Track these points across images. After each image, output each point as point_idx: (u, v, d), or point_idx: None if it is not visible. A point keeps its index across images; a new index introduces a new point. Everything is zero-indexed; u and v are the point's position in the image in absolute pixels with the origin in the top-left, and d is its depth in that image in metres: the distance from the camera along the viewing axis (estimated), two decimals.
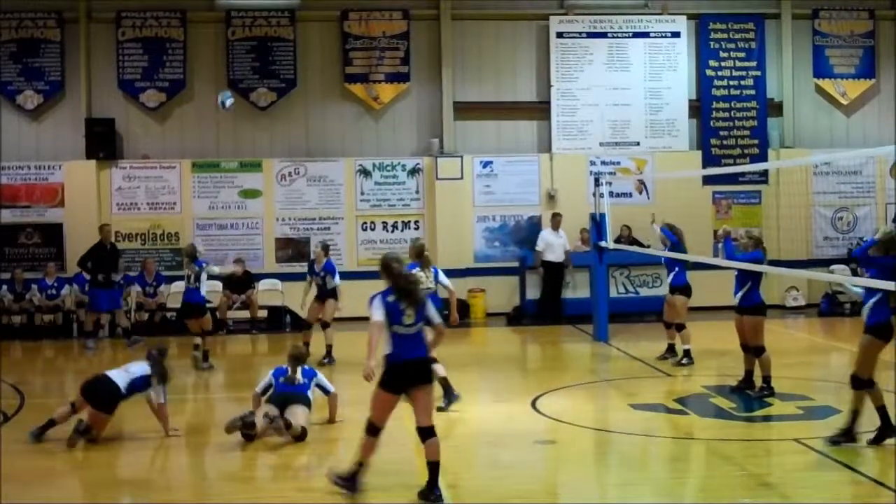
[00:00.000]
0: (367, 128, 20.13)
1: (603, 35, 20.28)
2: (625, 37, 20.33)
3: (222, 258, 18.87)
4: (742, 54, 20.52)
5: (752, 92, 20.52)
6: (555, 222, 18.97)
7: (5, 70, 19.33)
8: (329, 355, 14.20)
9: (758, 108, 20.54)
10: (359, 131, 20.09)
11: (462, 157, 19.80)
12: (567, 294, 18.89)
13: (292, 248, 19.62)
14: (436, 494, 7.31)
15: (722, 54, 20.52)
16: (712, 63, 20.53)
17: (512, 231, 20.02)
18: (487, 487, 7.99)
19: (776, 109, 20.73)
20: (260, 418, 9.28)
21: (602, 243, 15.85)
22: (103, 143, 19.07)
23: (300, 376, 9.83)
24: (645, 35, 20.35)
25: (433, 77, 20.09)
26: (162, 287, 18.41)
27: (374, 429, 7.45)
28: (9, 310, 18.23)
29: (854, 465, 8.31)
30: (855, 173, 20.46)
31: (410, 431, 7.68)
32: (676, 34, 20.41)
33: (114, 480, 8.69)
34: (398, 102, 20.12)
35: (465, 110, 20.11)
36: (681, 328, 13.56)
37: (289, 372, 9.84)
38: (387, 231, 19.68)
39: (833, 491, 7.93)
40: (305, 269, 15.21)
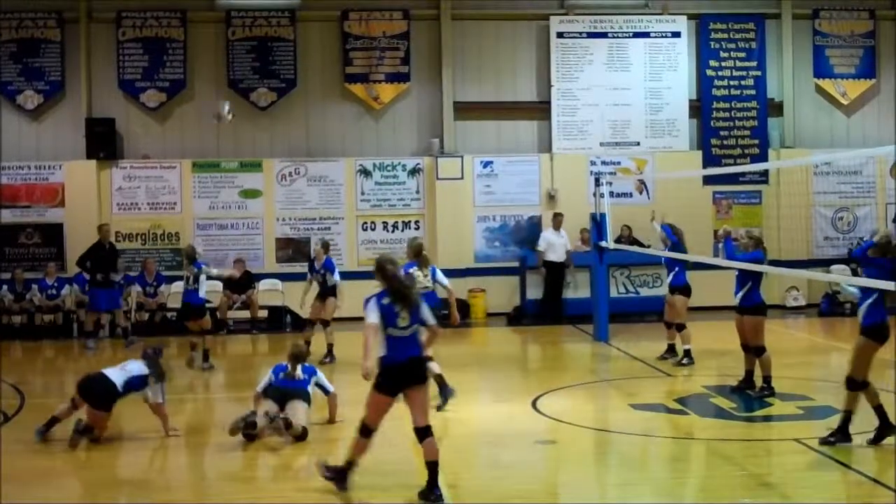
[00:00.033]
0: (368, 128, 20.13)
1: (603, 35, 20.28)
2: (625, 37, 20.33)
3: (223, 258, 18.91)
4: (742, 54, 20.52)
5: (753, 92, 20.52)
6: (556, 222, 18.97)
7: (5, 70, 19.34)
8: (330, 354, 14.25)
9: (758, 108, 20.54)
10: (359, 131, 20.10)
11: (462, 157, 19.80)
12: (568, 294, 18.90)
13: (293, 249, 19.62)
14: (436, 494, 7.31)
15: (722, 54, 20.52)
16: (713, 63, 20.53)
17: (512, 231, 20.02)
18: (488, 487, 7.99)
19: (776, 109, 20.73)
20: (261, 417, 9.29)
21: (602, 243, 15.86)
22: (104, 143, 19.08)
23: (300, 373, 9.85)
24: (645, 35, 20.35)
25: (433, 77, 20.09)
26: (162, 287, 18.41)
27: (368, 430, 7.49)
28: (9, 310, 18.23)
29: (854, 465, 8.31)
30: (855, 173, 20.46)
31: (408, 432, 7.67)
32: (677, 34, 20.41)
33: (114, 480, 8.69)
34: (398, 102, 20.12)
35: (466, 110, 20.11)
36: (681, 328, 13.56)
37: (288, 369, 9.86)
38: (387, 231, 19.68)
39: (833, 491, 7.94)
40: (305, 269, 15.25)
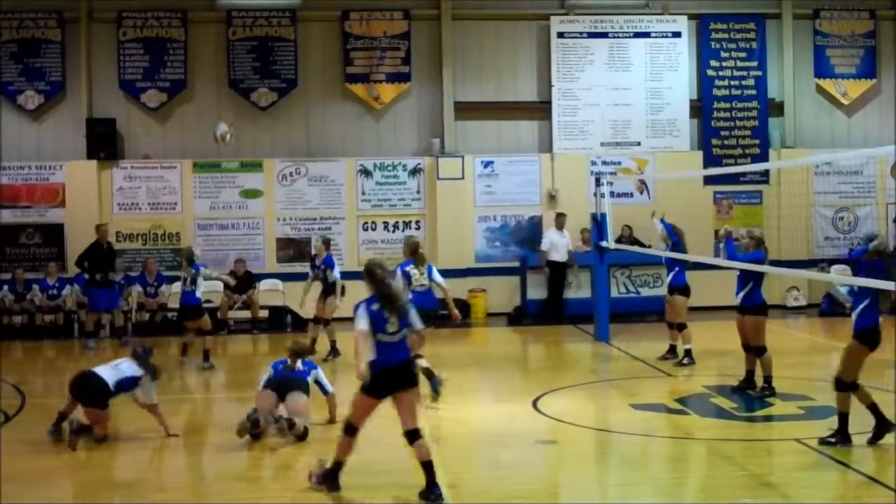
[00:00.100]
0: (368, 128, 20.12)
1: (604, 35, 20.27)
2: (626, 37, 20.32)
3: (223, 258, 18.93)
4: (743, 54, 20.51)
5: (753, 92, 20.51)
6: (559, 222, 18.95)
7: (6, 70, 19.34)
8: (333, 350, 14.34)
9: (759, 108, 20.53)
10: (360, 131, 20.10)
11: (463, 157, 19.80)
12: (569, 294, 18.89)
13: (293, 249, 19.62)
14: (435, 493, 7.32)
15: (723, 54, 20.51)
16: (713, 63, 20.53)
17: (513, 231, 20.02)
18: (488, 487, 7.98)
19: (777, 109, 20.72)
20: (264, 416, 9.29)
21: (603, 243, 15.86)
22: (104, 144, 19.08)
23: (300, 365, 9.86)
24: (646, 35, 20.34)
25: (434, 77, 20.08)
26: (163, 287, 18.38)
27: (353, 429, 7.57)
28: (10, 310, 18.22)
29: (854, 465, 8.30)
30: (856, 173, 20.45)
31: (401, 434, 7.68)
32: (677, 34, 20.40)
33: (114, 481, 8.69)
34: (399, 102, 20.11)
35: (466, 110, 20.10)
36: (682, 328, 13.56)
37: (288, 363, 9.86)
38: (388, 231, 19.67)
39: (833, 490, 7.94)
40: (306, 269, 15.28)
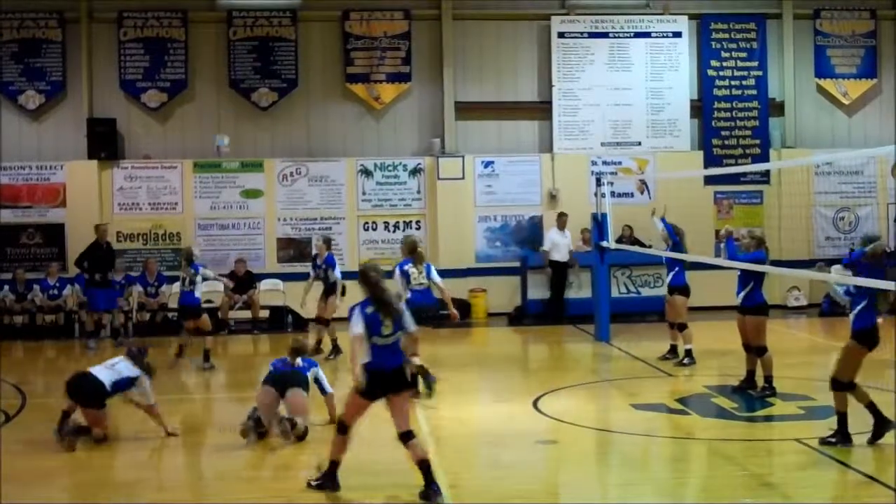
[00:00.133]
0: (369, 128, 20.12)
1: (604, 35, 20.27)
2: (626, 37, 20.32)
3: (224, 258, 18.93)
4: (743, 54, 20.51)
5: (754, 92, 20.51)
6: (560, 222, 18.94)
7: (7, 70, 19.34)
8: (335, 347, 14.37)
9: (759, 108, 20.53)
10: (360, 131, 20.09)
11: (463, 157, 19.79)
12: (569, 294, 18.88)
13: (294, 249, 19.62)
14: (434, 490, 7.34)
15: (723, 54, 20.51)
16: (714, 63, 20.52)
17: (513, 231, 20.01)
18: (488, 487, 7.98)
19: (778, 109, 20.72)
20: (266, 416, 9.29)
21: (604, 243, 15.86)
22: (105, 144, 19.08)
23: (300, 362, 9.84)
24: (646, 35, 20.34)
25: (434, 77, 20.08)
26: (164, 287, 18.37)
27: (344, 427, 7.60)
28: (10, 310, 18.22)
29: (854, 465, 8.30)
30: (856, 173, 20.44)
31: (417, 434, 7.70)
32: (678, 34, 20.39)
33: (113, 481, 8.68)
34: (399, 102, 20.11)
35: (467, 110, 20.10)
36: (682, 328, 13.55)
37: (288, 360, 9.85)
38: (388, 231, 19.66)
39: (834, 490, 7.95)
40: (306, 269, 15.33)
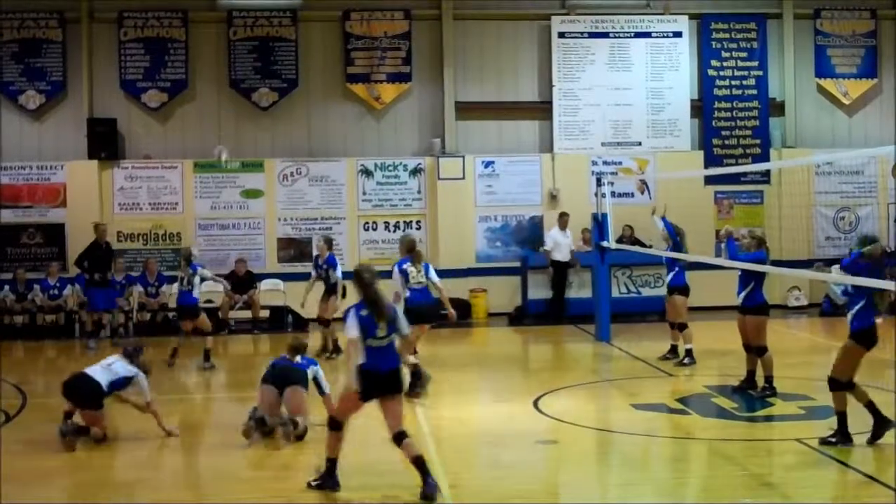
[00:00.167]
0: (369, 128, 20.12)
1: (605, 35, 20.27)
2: (626, 37, 20.32)
3: (224, 258, 18.93)
4: (744, 54, 20.50)
5: (754, 92, 20.50)
6: (562, 222, 18.94)
7: (7, 70, 19.34)
8: (336, 347, 14.37)
9: (760, 108, 20.52)
10: (360, 131, 20.09)
11: (464, 157, 19.79)
12: (570, 294, 18.87)
13: (294, 249, 19.62)
14: (430, 484, 7.36)
15: (724, 54, 20.50)
16: (714, 63, 20.52)
17: (514, 231, 20.01)
18: (488, 487, 7.98)
19: (778, 109, 20.71)
20: (269, 415, 9.30)
21: (604, 243, 15.86)
22: (105, 144, 19.08)
23: (299, 359, 9.81)
24: (647, 35, 20.34)
25: (435, 77, 20.08)
26: (164, 287, 18.36)
27: (338, 424, 7.65)
28: (11, 310, 18.22)
29: (855, 465, 8.29)
30: (857, 173, 20.44)
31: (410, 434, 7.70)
32: (678, 34, 20.39)
33: (113, 481, 8.69)
34: (400, 102, 20.11)
35: (467, 110, 20.10)
36: (682, 328, 13.55)
37: (287, 358, 9.82)
38: (388, 231, 19.65)
39: (834, 490, 7.95)
40: (307, 269, 15.36)
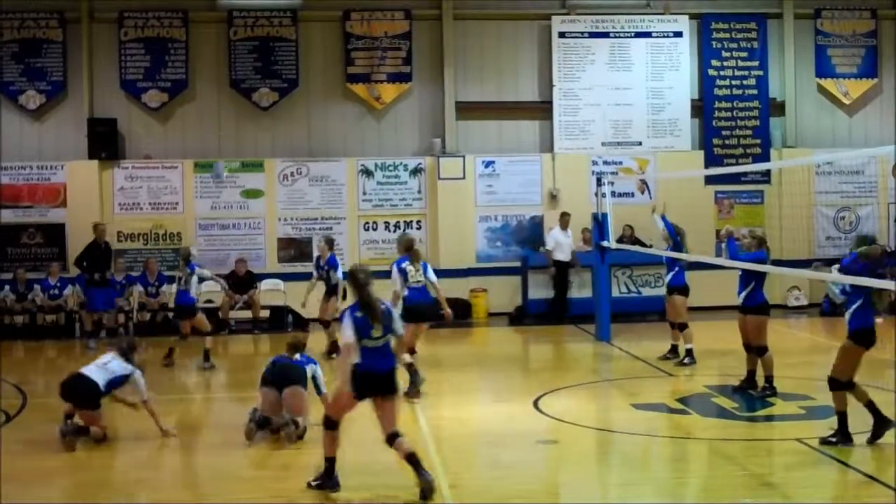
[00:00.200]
0: (369, 128, 20.12)
1: (605, 35, 20.27)
2: (627, 36, 20.32)
3: (224, 258, 18.94)
4: (744, 54, 20.50)
5: (755, 91, 20.50)
6: (563, 222, 18.94)
7: (7, 70, 19.34)
8: (336, 347, 14.36)
9: (760, 108, 20.52)
10: (361, 131, 20.09)
11: (464, 157, 19.79)
12: (570, 294, 18.85)
13: (294, 248, 19.62)
14: (425, 479, 7.38)
15: (724, 54, 20.50)
16: (714, 63, 20.51)
17: (514, 231, 20.01)
18: (488, 487, 7.98)
19: (778, 109, 20.71)
20: (265, 410, 9.30)
21: (604, 243, 15.86)
22: (105, 144, 19.08)
23: (298, 357, 9.76)
24: (647, 35, 20.33)
25: (435, 77, 20.07)
26: (164, 287, 18.35)
27: (333, 423, 7.66)
28: (11, 310, 18.23)
29: (855, 465, 8.29)
30: (857, 173, 20.44)
31: (403, 433, 7.70)
32: (678, 34, 20.39)
33: (113, 481, 8.68)
34: (400, 102, 20.11)
35: (467, 110, 20.09)
36: (683, 327, 13.55)
37: (286, 356, 9.79)
38: (389, 231, 19.63)
39: (834, 490, 7.95)
40: (307, 269, 15.35)
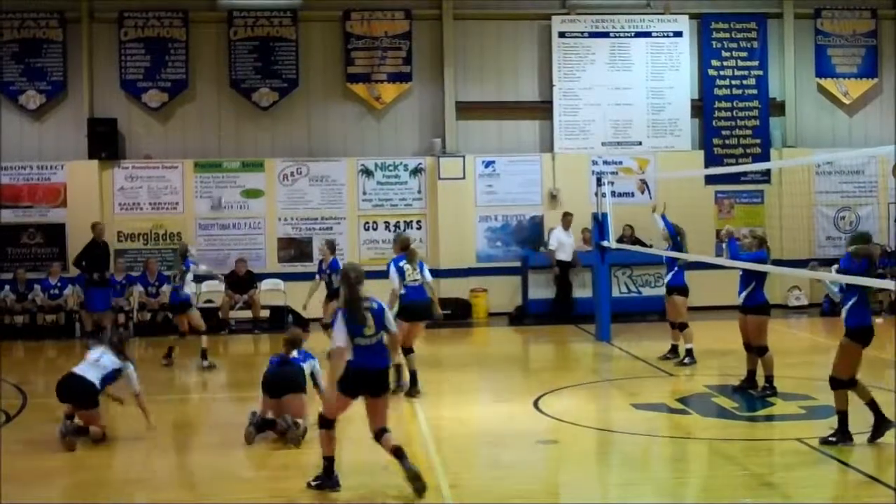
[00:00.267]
0: (370, 127, 20.12)
1: (605, 35, 20.27)
2: (627, 36, 20.32)
3: (224, 258, 18.94)
4: (744, 54, 20.50)
5: (755, 91, 20.50)
6: (565, 222, 18.94)
7: (7, 70, 19.34)
8: None
9: (760, 108, 20.52)
10: (361, 131, 20.09)
11: (464, 157, 19.79)
12: (572, 294, 18.85)
13: (294, 248, 19.62)
14: (409, 469, 7.41)
15: (724, 54, 20.50)
16: (714, 62, 20.51)
17: (514, 231, 20.01)
18: (488, 487, 7.97)
19: (778, 109, 20.70)
20: (276, 418, 9.32)
21: (604, 243, 15.85)
22: (105, 143, 19.08)
23: (295, 354, 9.71)
24: (647, 35, 20.33)
25: (435, 77, 20.08)
26: (164, 287, 18.33)
27: (328, 422, 7.66)
28: (11, 310, 18.24)
29: (855, 464, 8.29)
30: (857, 173, 20.44)
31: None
32: (678, 34, 20.39)
33: (113, 480, 8.66)
34: (400, 102, 20.11)
35: (468, 110, 20.09)
36: (683, 327, 13.55)
37: (283, 354, 9.74)
38: (389, 231, 19.61)
39: (834, 490, 7.95)
40: (307, 269, 15.34)
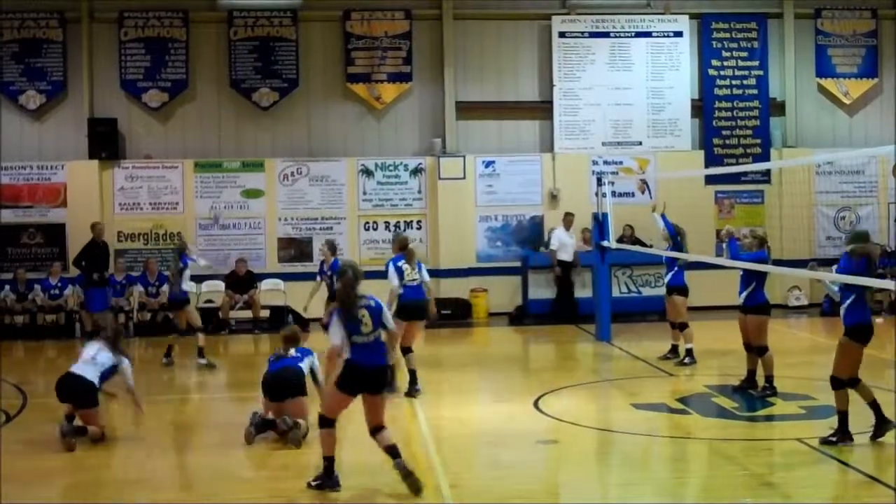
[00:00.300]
0: (370, 127, 20.12)
1: (605, 35, 20.27)
2: (627, 36, 20.32)
3: (224, 258, 18.94)
4: (744, 54, 20.50)
5: (755, 91, 20.50)
6: (567, 222, 18.94)
7: (7, 70, 19.34)
8: None
9: (760, 108, 20.52)
10: (361, 131, 20.09)
11: (464, 157, 19.79)
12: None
13: (294, 248, 19.62)
14: (400, 466, 7.47)
15: (724, 54, 20.50)
16: (715, 62, 20.51)
17: (514, 231, 20.01)
18: (488, 487, 7.97)
19: (779, 109, 20.70)
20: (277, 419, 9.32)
21: (604, 243, 15.85)
22: (106, 143, 19.09)
23: (293, 352, 9.68)
24: (647, 35, 20.33)
25: (435, 77, 20.08)
26: (164, 287, 18.30)
27: (328, 421, 7.66)
28: (11, 310, 18.24)
29: (855, 464, 8.29)
30: (857, 173, 20.44)
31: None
32: (679, 34, 20.39)
33: (113, 480, 8.66)
34: (400, 102, 20.11)
35: (468, 110, 20.09)
36: (683, 327, 13.54)
37: (281, 352, 9.71)
38: (389, 231, 19.58)
39: (834, 490, 7.95)
40: (307, 269, 15.35)
